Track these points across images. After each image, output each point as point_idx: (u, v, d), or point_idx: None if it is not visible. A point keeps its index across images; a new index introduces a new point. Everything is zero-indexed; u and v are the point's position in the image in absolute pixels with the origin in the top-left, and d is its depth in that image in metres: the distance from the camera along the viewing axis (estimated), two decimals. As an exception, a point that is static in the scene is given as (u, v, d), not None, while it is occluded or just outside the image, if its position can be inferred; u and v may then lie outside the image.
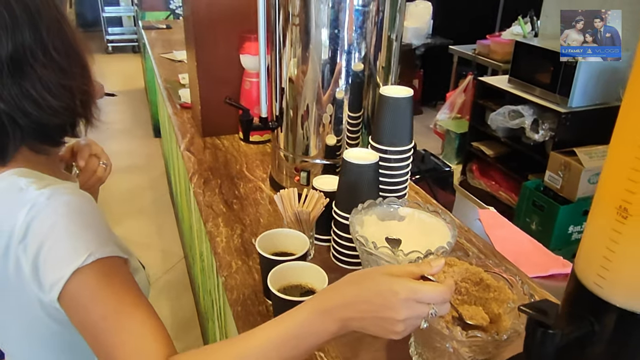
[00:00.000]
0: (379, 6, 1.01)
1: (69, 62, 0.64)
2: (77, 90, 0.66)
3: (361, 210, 0.85)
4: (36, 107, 0.61)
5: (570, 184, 2.65)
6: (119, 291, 0.59)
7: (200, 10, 1.39)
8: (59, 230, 0.58)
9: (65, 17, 0.67)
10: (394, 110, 0.94)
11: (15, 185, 0.61)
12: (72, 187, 0.64)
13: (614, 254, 0.43)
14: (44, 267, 0.58)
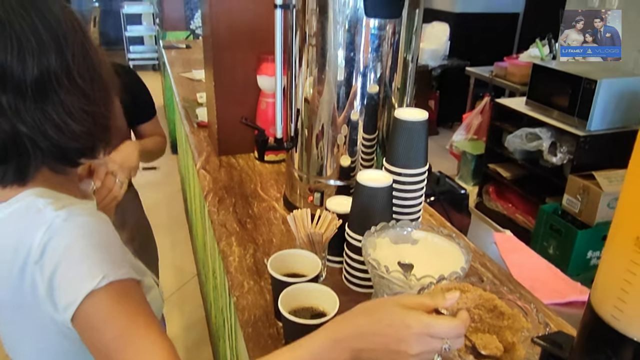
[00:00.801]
0: (395, 28, 1.02)
1: (92, 88, 0.65)
2: (98, 115, 0.66)
3: (374, 232, 0.85)
4: (57, 131, 0.62)
5: (589, 208, 2.60)
6: (131, 313, 0.60)
7: (220, 31, 1.42)
8: (74, 252, 0.59)
9: (91, 40, 0.68)
10: (409, 133, 0.94)
11: (34, 205, 0.62)
12: (89, 208, 0.65)
13: (631, 286, 0.42)
14: (59, 288, 0.59)
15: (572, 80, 2.68)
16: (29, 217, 0.61)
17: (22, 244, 0.59)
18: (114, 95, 0.72)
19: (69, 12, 0.65)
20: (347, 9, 0.99)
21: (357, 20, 0.99)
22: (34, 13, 0.60)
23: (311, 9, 1.03)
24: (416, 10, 1.05)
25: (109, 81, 0.70)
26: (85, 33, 0.67)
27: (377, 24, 1.00)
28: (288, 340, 0.77)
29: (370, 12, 0.97)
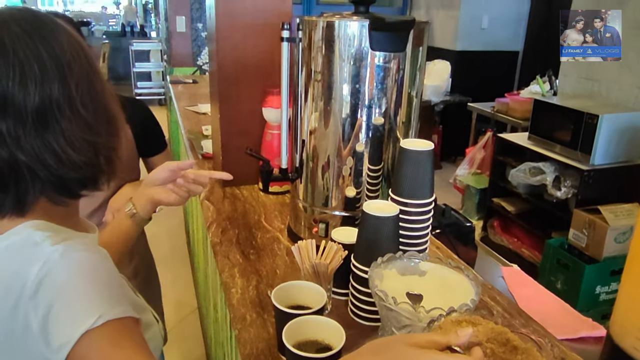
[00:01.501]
0: (399, 65, 1.04)
1: (96, 118, 0.64)
2: (101, 146, 0.65)
3: (381, 264, 0.83)
4: (57, 161, 0.60)
5: (596, 242, 2.57)
6: (128, 353, 0.58)
7: (226, 65, 1.44)
8: (70, 290, 0.58)
9: (97, 71, 0.67)
10: (415, 164, 0.94)
11: (31, 239, 0.60)
12: (88, 243, 0.63)
13: (652, 317, 0.40)
14: (53, 327, 0.57)
15: (574, 115, 2.70)
16: (25, 251, 0.60)
17: (17, 279, 0.57)
18: (122, 127, 0.70)
19: (75, 41, 0.64)
20: (353, 46, 1.01)
21: (362, 55, 1.01)
22: (39, 41, 0.60)
23: (317, 44, 1.05)
24: (420, 47, 1.07)
25: (115, 113, 0.68)
26: (92, 63, 0.66)
27: (382, 60, 1.02)
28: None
29: (376, 46, 0.98)
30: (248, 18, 1.42)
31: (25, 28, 0.60)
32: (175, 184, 0.95)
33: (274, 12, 1.42)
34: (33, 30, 0.60)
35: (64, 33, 0.63)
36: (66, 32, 0.64)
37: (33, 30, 0.60)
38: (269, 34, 1.43)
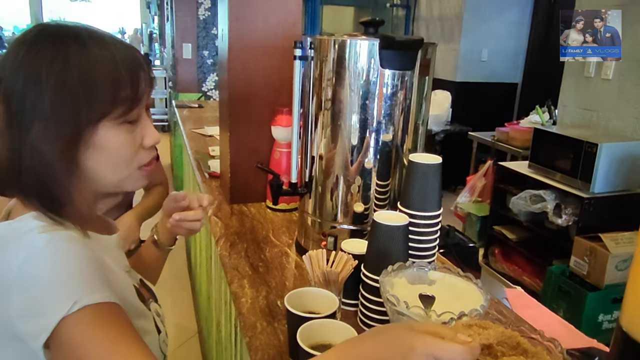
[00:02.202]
0: (406, 94, 1.08)
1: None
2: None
3: (391, 272, 0.85)
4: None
5: (597, 270, 2.57)
6: (112, 334, 0.59)
7: (237, 84, 1.49)
8: (48, 278, 0.59)
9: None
10: (424, 177, 0.97)
11: (26, 227, 0.64)
12: (74, 236, 0.65)
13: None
14: (32, 315, 0.58)
15: (573, 144, 2.75)
16: (16, 238, 0.62)
17: (7, 265, 0.60)
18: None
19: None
20: (363, 64, 1.05)
21: (372, 74, 1.05)
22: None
23: (329, 62, 1.09)
24: (426, 77, 1.11)
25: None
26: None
27: (390, 90, 1.06)
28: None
29: (386, 64, 1.03)
30: (259, 40, 1.47)
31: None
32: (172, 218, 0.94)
33: (284, 34, 1.48)
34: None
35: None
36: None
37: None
38: (279, 55, 1.48)
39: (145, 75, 0.71)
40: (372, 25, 1.09)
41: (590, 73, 3.09)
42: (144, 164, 0.74)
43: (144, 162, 0.74)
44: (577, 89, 3.20)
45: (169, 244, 0.98)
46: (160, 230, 0.97)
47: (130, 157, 0.72)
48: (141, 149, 0.73)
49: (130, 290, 0.79)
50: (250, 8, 1.44)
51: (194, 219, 0.92)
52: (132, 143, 0.71)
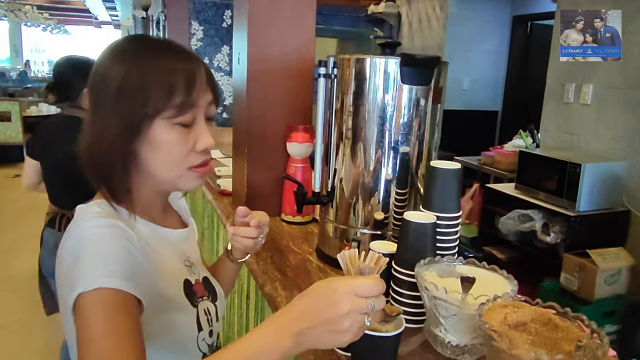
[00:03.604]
0: (420, 123, 1.19)
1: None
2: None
3: (423, 265, 0.92)
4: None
5: (587, 285, 2.68)
6: (110, 322, 0.64)
7: (255, 104, 1.58)
8: (83, 255, 0.68)
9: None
10: (444, 181, 1.06)
11: (88, 210, 0.75)
12: (119, 226, 0.72)
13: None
14: (68, 284, 0.67)
15: (558, 165, 2.90)
16: (80, 219, 0.73)
17: (70, 238, 0.71)
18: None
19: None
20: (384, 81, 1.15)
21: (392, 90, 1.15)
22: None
23: (351, 80, 1.19)
24: (438, 105, 1.22)
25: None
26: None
27: (406, 120, 1.17)
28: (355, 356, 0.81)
29: (406, 80, 1.13)
30: (275, 62, 1.57)
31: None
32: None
33: (299, 57, 1.58)
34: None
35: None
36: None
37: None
38: (295, 76, 1.58)
39: (202, 86, 0.79)
40: (390, 46, 1.20)
41: (569, 99, 3.29)
42: (194, 165, 0.81)
43: (194, 163, 0.81)
44: (558, 114, 3.39)
45: (238, 257, 1.04)
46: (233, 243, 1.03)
47: (182, 157, 0.79)
48: (193, 151, 0.80)
49: (176, 283, 0.84)
50: (269, 33, 1.54)
51: (245, 235, 0.97)
52: (184, 144, 0.78)
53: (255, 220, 0.97)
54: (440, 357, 0.88)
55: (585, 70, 3.17)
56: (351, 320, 0.57)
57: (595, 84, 3.13)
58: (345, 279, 0.59)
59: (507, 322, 0.75)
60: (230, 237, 0.99)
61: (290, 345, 0.58)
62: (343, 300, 0.56)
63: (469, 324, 0.84)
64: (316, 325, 0.57)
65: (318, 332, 0.57)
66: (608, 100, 3.04)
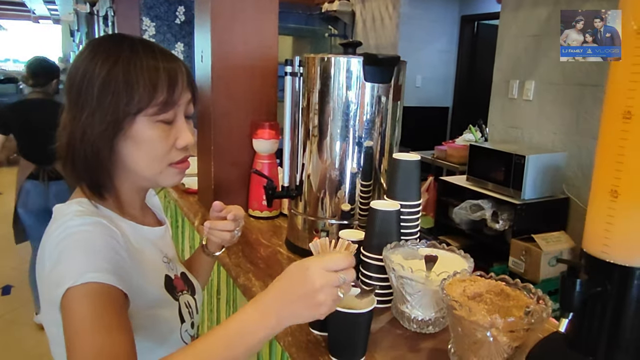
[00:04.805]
0: (382, 119, 1.27)
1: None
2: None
3: (390, 249, 1.01)
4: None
5: (533, 267, 2.89)
6: (99, 314, 0.66)
7: (220, 101, 1.61)
8: (68, 253, 0.69)
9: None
10: (406, 171, 1.15)
11: (69, 209, 0.76)
12: (103, 223, 0.74)
13: (612, 226, 0.61)
14: (54, 282, 0.68)
15: (505, 157, 3.09)
16: (59, 218, 0.74)
17: (49, 238, 0.72)
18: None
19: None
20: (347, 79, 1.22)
21: (355, 87, 1.23)
22: None
23: (316, 78, 1.25)
24: (398, 102, 1.31)
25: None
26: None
27: (369, 116, 1.24)
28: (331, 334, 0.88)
29: (369, 78, 1.21)
30: (239, 60, 1.61)
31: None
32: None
33: (262, 56, 1.63)
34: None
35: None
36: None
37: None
38: (258, 75, 1.63)
39: (182, 85, 0.83)
40: (352, 46, 1.27)
41: (513, 95, 3.50)
42: (174, 162, 0.84)
43: (175, 160, 0.84)
44: (503, 109, 3.60)
45: (214, 250, 1.08)
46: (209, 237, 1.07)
47: (163, 153, 0.82)
48: (174, 148, 0.84)
49: (157, 279, 0.88)
50: (232, 32, 1.58)
51: (222, 229, 1.02)
52: (165, 140, 0.82)
53: (232, 214, 1.02)
54: (407, 331, 0.96)
55: (528, 67, 3.39)
56: (325, 294, 0.62)
57: (537, 80, 3.35)
58: (315, 258, 0.65)
59: (466, 294, 0.84)
60: (206, 231, 1.03)
61: (272, 323, 0.63)
62: (315, 276, 0.62)
63: (432, 299, 0.92)
64: (294, 301, 0.62)
65: (297, 308, 0.63)
66: (548, 95, 3.27)
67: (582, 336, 0.67)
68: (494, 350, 0.76)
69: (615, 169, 0.60)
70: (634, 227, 0.60)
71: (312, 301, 0.62)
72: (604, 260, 0.62)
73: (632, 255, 0.61)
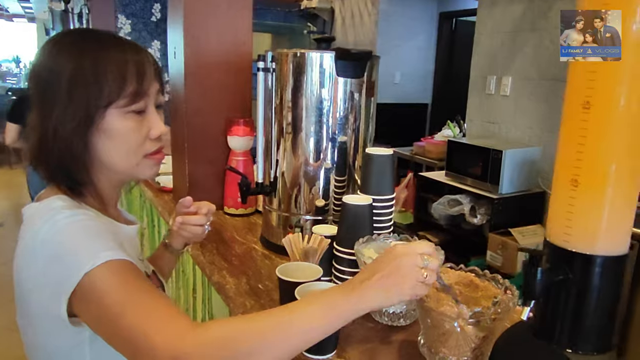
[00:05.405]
0: (356, 115, 1.27)
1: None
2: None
3: (362, 243, 1.01)
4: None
5: (509, 260, 2.93)
6: (134, 283, 0.66)
7: (193, 100, 1.59)
8: (69, 243, 0.68)
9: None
10: (379, 166, 1.15)
11: (51, 205, 0.73)
12: (92, 215, 0.74)
13: (573, 214, 0.62)
14: (57, 275, 0.66)
15: (482, 152, 3.12)
16: (41, 215, 0.71)
17: (31, 235, 0.70)
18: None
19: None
20: (320, 74, 1.22)
21: (328, 82, 1.22)
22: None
23: (289, 73, 1.24)
24: (371, 98, 1.31)
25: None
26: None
27: (343, 112, 1.25)
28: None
29: (340, 72, 1.21)
30: (213, 57, 1.59)
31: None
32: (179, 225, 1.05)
33: (237, 52, 1.62)
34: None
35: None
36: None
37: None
38: (232, 71, 1.61)
39: (151, 75, 0.81)
40: (325, 41, 1.27)
41: (491, 90, 3.54)
42: (149, 153, 0.83)
43: (150, 150, 0.83)
44: (481, 104, 3.64)
45: (178, 247, 1.07)
46: (172, 233, 1.06)
47: (138, 144, 0.81)
48: (148, 139, 0.82)
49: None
50: (205, 28, 1.56)
51: (195, 223, 1.01)
52: (138, 131, 0.80)
53: (205, 208, 1.01)
54: (379, 324, 0.97)
55: (505, 63, 3.43)
56: (408, 268, 0.65)
57: (513, 76, 3.39)
58: (404, 244, 0.71)
59: (435, 285, 0.85)
60: (176, 227, 1.02)
61: (354, 299, 0.65)
62: (400, 251, 0.67)
63: (404, 293, 0.93)
64: (379, 278, 0.65)
65: (381, 283, 0.65)
66: (524, 91, 3.32)
67: (547, 324, 0.68)
68: (461, 340, 0.77)
69: (575, 159, 0.61)
70: (594, 216, 0.61)
71: (396, 275, 0.65)
72: (565, 249, 0.63)
73: (592, 243, 0.62)
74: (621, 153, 0.59)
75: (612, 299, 0.64)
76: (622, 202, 0.61)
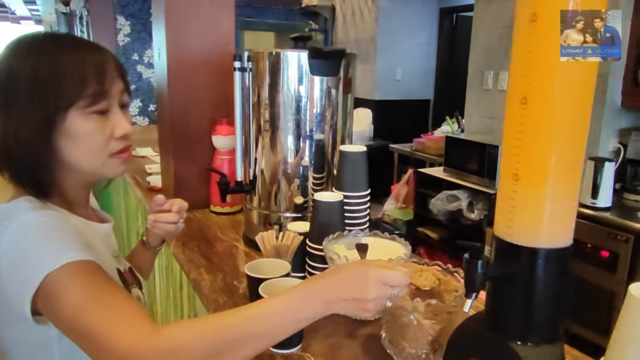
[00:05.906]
0: (333, 112, 1.28)
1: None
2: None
3: (332, 239, 1.02)
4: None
5: (508, 256, 2.92)
6: (97, 284, 0.66)
7: (177, 99, 1.61)
8: (32, 243, 0.68)
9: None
10: (352, 163, 1.16)
11: (17, 207, 0.73)
12: (59, 215, 0.75)
13: (514, 208, 0.63)
14: (19, 274, 0.67)
15: (478, 148, 3.11)
16: (7, 216, 0.71)
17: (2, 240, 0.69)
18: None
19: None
20: (295, 73, 1.23)
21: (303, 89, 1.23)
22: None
23: (265, 72, 1.26)
24: (348, 95, 1.32)
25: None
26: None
27: (319, 110, 1.26)
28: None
29: (314, 71, 1.22)
30: (196, 57, 1.61)
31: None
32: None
33: (220, 52, 1.63)
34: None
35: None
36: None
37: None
38: (216, 71, 1.63)
39: (112, 75, 0.82)
40: (301, 40, 1.28)
41: (488, 86, 3.52)
42: (115, 152, 0.83)
43: (115, 150, 0.83)
44: (479, 100, 3.62)
45: (154, 244, 1.08)
46: (147, 231, 1.07)
47: (102, 144, 0.81)
48: (112, 138, 0.82)
49: (110, 272, 0.88)
50: (188, 29, 1.58)
51: (167, 221, 1.02)
52: (102, 131, 0.80)
53: (176, 206, 1.03)
54: (347, 319, 0.97)
55: (502, 58, 3.41)
56: (375, 303, 0.68)
57: (510, 71, 3.37)
58: (379, 269, 0.69)
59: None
60: (150, 225, 1.04)
61: (319, 310, 0.67)
62: (373, 287, 0.67)
63: (370, 288, 0.94)
64: (346, 300, 0.67)
65: (345, 305, 0.68)
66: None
67: (497, 316, 0.68)
68: (419, 332, 0.78)
69: (515, 153, 0.62)
70: (533, 209, 0.61)
71: (361, 305, 0.68)
72: (509, 242, 0.64)
73: (533, 236, 0.62)
74: (559, 147, 0.60)
75: (557, 290, 0.64)
76: (562, 195, 0.61)
